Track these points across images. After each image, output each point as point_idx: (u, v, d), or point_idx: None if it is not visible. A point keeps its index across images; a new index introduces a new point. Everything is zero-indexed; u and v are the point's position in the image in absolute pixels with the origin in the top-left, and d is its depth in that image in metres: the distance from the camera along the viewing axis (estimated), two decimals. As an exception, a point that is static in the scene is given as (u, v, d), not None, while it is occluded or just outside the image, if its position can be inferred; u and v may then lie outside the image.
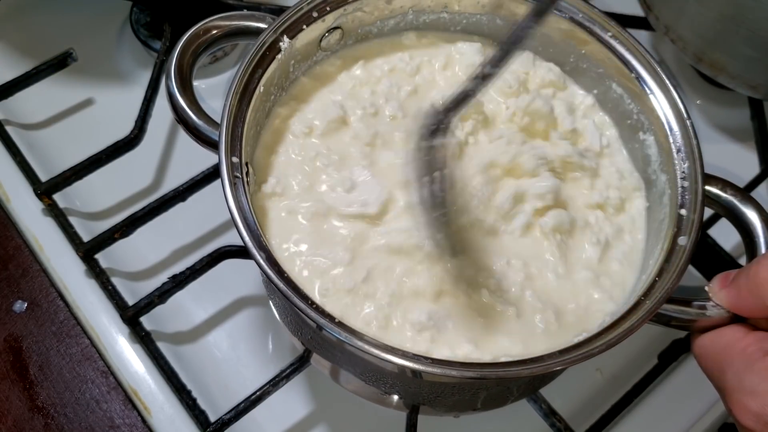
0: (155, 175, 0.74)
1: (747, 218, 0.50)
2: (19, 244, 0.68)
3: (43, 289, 0.67)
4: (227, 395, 0.63)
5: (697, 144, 0.52)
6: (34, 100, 0.76)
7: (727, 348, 0.44)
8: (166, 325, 0.66)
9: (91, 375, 0.63)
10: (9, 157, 0.71)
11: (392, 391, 0.54)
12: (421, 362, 0.42)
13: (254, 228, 0.46)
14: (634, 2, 0.76)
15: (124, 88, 0.79)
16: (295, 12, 0.55)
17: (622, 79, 0.56)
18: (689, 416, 0.63)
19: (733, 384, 0.42)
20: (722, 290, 0.46)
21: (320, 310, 0.44)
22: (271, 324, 0.67)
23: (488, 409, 0.56)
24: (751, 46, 0.67)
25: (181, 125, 0.52)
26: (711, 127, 0.80)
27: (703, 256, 0.68)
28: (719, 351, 0.45)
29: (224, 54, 0.80)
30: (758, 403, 0.40)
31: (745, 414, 0.41)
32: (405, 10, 0.59)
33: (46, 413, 0.61)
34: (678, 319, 0.47)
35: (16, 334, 0.65)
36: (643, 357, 0.66)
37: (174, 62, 0.53)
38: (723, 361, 0.44)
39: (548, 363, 0.43)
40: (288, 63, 0.56)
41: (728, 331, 0.45)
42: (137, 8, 0.80)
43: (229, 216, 0.46)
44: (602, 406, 0.63)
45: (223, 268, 0.65)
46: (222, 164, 0.48)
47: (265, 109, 0.55)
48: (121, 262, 0.69)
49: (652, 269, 0.49)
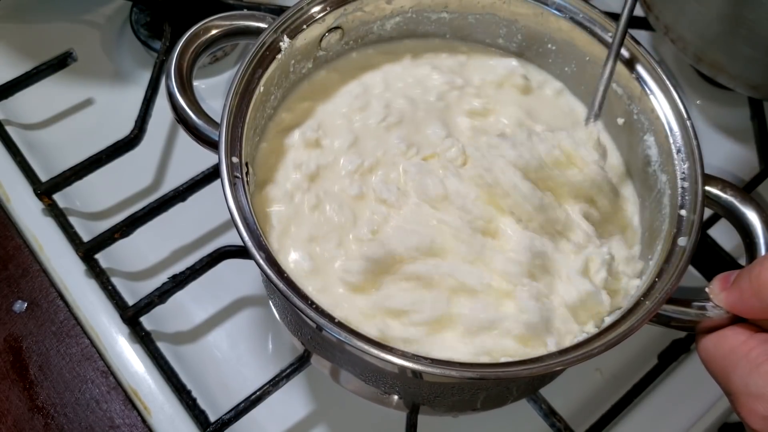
0: (155, 175, 0.74)
1: (747, 218, 0.50)
2: (19, 244, 0.68)
3: (43, 289, 0.67)
4: (227, 395, 0.63)
5: (697, 144, 0.52)
6: (34, 100, 0.76)
7: (731, 352, 0.44)
8: (166, 325, 0.66)
9: (91, 375, 0.63)
10: (9, 157, 0.71)
11: (392, 391, 0.54)
12: (420, 362, 0.42)
13: (254, 228, 0.46)
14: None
15: (124, 88, 0.79)
16: (295, 12, 0.55)
17: (622, 79, 0.56)
18: (689, 416, 0.63)
19: (740, 388, 0.42)
20: (723, 292, 0.46)
21: (320, 310, 0.44)
22: (271, 324, 0.67)
23: (488, 409, 0.56)
24: (751, 46, 0.66)
25: (181, 125, 0.52)
26: (711, 127, 0.80)
27: (703, 256, 0.68)
28: (724, 355, 0.45)
29: (224, 54, 0.80)
30: (765, 406, 0.41)
31: (754, 417, 0.41)
32: (405, 9, 0.59)
33: (46, 413, 0.61)
34: (678, 319, 0.47)
35: (16, 334, 0.65)
36: (643, 357, 0.66)
37: (174, 62, 0.53)
38: (728, 366, 0.44)
39: (548, 363, 0.43)
40: (288, 63, 0.56)
41: (730, 333, 0.45)
42: (137, 8, 0.80)
43: (229, 216, 0.46)
44: (602, 406, 0.64)
45: (223, 268, 0.65)
46: (222, 164, 0.48)
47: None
48: (121, 262, 0.69)
49: (651, 270, 0.49)
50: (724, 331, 0.46)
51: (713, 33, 0.69)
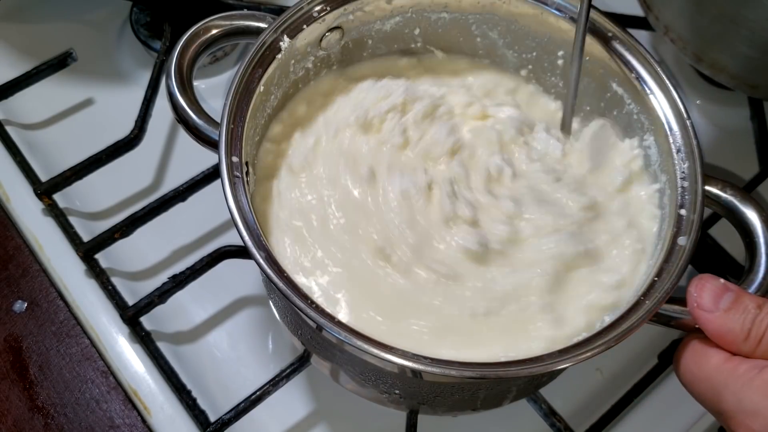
0: (155, 175, 0.74)
1: (747, 218, 0.50)
2: (19, 244, 0.68)
3: (43, 289, 0.67)
4: (227, 395, 0.63)
5: (697, 144, 0.52)
6: (34, 100, 0.76)
7: (716, 371, 0.43)
8: (166, 325, 0.66)
9: (91, 375, 0.63)
10: (9, 157, 0.71)
11: (392, 391, 0.54)
12: (420, 362, 0.42)
13: (254, 228, 0.46)
14: (634, 2, 0.76)
15: (124, 88, 0.79)
16: (295, 12, 0.55)
17: (622, 79, 0.56)
18: (689, 416, 0.63)
19: (733, 406, 0.41)
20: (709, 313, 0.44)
21: (320, 309, 0.44)
22: (271, 324, 0.67)
23: (488, 408, 0.56)
24: (751, 46, 0.66)
25: (181, 125, 0.52)
26: (711, 127, 0.80)
27: (703, 256, 0.68)
28: (709, 375, 0.43)
29: (224, 54, 0.80)
30: (761, 423, 0.39)
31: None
32: (405, 9, 0.59)
33: (46, 413, 0.61)
34: (678, 319, 0.47)
35: (16, 334, 0.65)
36: (643, 357, 0.66)
37: (174, 62, 0.53)
38: (716, 385, 0.42)
39: (548, 363, 0.43)
40: (288, 63, 0.56)
41: (713, 352, 0.44)
42: (137, 8, 0.80)
43: (229, 216, 0.46)
44: (602, 406, 0.63)
45: (223, 268, 0.65)
46: (222, 164, 0.48)
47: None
48: (121, 262, 0.69)
49: (651, 269, 0.49)
50: (705, 349, 0.44)
51: (713, 33, 0.69)
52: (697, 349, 0.45)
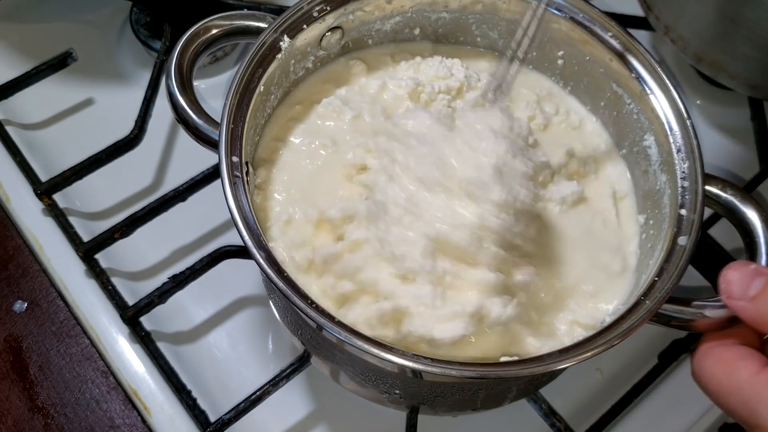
0: (155, 175, 0.74)
1: (747, 218, 0.50)
2: (19, 244, 0.68)
3: (43, 289, 0.67)
4: (227, 395, 0.63)
5: (697, 144, 0.52)
6: (34, 100, 0.76)
7: (749, 383, 0.41)
8: (166, 325, 0.66)
9: (91, 375, 0.63)
10: (9, 157, 0.71)
11: (392, 391, 0.54)
12: (420, 362, 0.42)
13: (254, 228, 0.46)
14: (634, 2, 0.76)
15: (124, 88, 0.79)
16: (295, 12, 0.55)
17: (622, 79, 0.56)
18: (689, 416, 0.63)
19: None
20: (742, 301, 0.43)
21: (320, 309, 0.44)
22: (271, 324, 0.67)
23: (488, 408, 0.56)
24: (751, 46, 0.66)
25: (181, 125, 0.52)
26: (711, 127, 0.80)
27: (703, 256, 0.68)
28: (740, 387, 0.41)
29: (224, 54, 0.80)
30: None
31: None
32: (405, 9, 0.59)
33: (46, 413, 0.61)
34: (678, 319, 0.47)
35: (16, 334, 0.65)
36: (643, 357, 0.66)
37: (174, 62, 0.53)
38: (749, 398, 0.41)
39: (548, 363, 0.44)
40: (288, 62, 0.56)
41: (742, 363, 0.42)
42: (137, 8, 0.80)
43: (229, 216, 0.46)
44: (602, 406, 0.63)
45: (223, 268, 0.65)
46: (222, 164, 0.48)
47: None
48: (121, 262, 0.69)
49: (651, 269, 0.49)
50: (734, 359, 0.43)
51: (713, 33, 0.69)
52: (725, 358, 0.43)
